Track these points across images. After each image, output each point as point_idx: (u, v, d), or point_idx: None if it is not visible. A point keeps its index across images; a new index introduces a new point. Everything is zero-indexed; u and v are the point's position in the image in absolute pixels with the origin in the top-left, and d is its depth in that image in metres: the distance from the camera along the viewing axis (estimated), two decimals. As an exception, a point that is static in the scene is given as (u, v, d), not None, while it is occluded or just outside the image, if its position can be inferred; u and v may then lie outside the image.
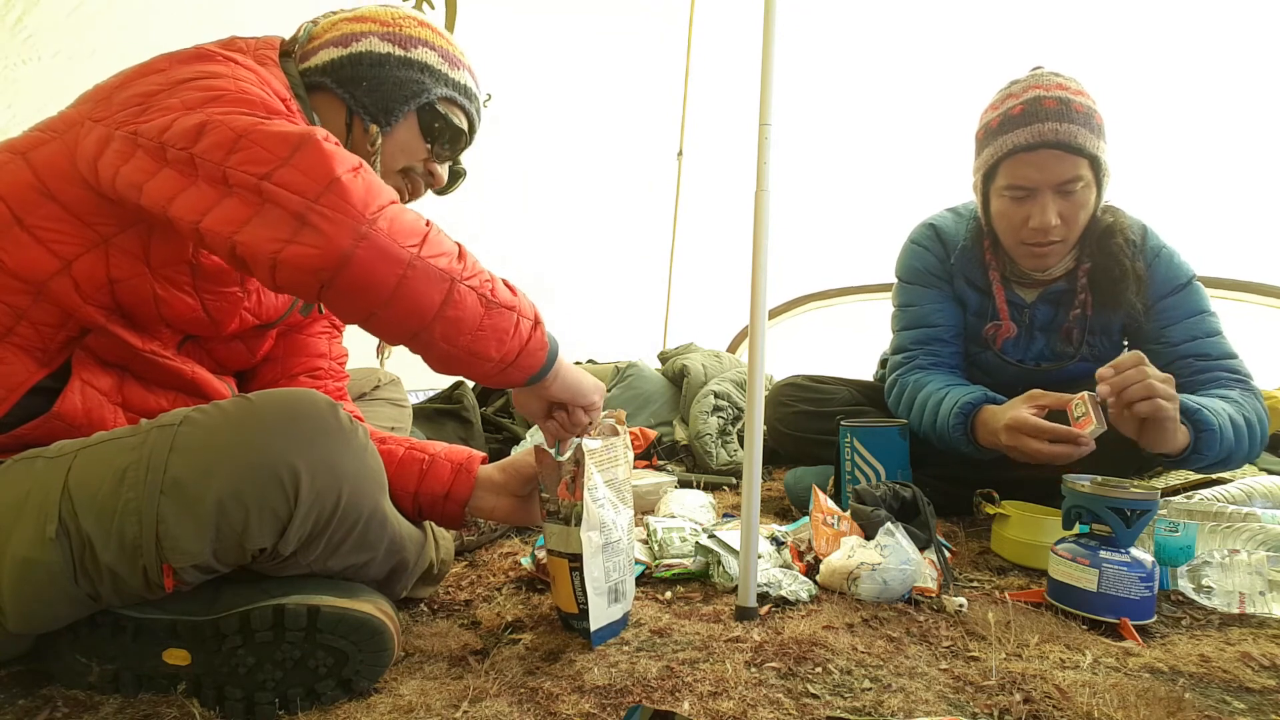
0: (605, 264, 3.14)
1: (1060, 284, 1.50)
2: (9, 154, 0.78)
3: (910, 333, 1.62)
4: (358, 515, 0.79)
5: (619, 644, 0.90)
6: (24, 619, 0.71)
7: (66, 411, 0.78)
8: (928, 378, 1.53)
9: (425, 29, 0.98)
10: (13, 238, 0.75)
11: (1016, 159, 1.37)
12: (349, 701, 0.76)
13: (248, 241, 0.66)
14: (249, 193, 0.67)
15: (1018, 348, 1.55)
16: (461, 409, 1.98)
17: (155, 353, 0.84)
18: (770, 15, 1.02)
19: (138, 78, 0.78)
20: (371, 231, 0.66)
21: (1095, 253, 1.44)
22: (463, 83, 1.00)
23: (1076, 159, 1.33)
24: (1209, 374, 1.37)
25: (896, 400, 1.59)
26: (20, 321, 0.76)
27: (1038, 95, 1.35)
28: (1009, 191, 1.40)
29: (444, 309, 0.70)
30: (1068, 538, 1.05)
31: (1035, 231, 1.38)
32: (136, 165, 0.71)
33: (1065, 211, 1.36)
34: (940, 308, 1.59)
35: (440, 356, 0.73)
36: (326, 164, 0.67)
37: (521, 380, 0.81)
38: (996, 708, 0.75)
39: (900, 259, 1.67)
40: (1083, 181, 1.35)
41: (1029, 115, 1.34)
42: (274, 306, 0.96)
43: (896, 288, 1.68)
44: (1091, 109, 1.35)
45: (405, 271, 0.67)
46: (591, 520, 0.88)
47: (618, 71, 2.85)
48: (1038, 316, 1.53)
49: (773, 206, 1.00)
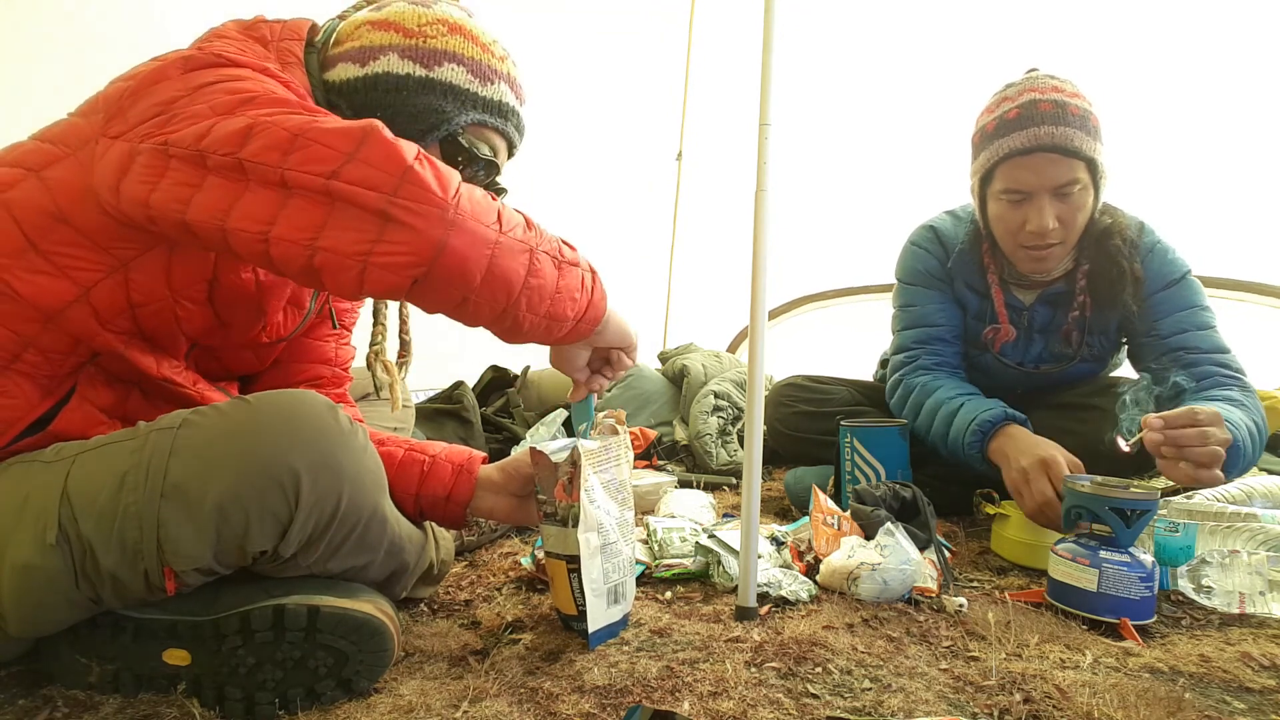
0: (605, 264, 3.08)
1: (1059, 285, 1.50)
2: (23, 171, 0.74)
3: (911, 332, 1.61)
4: (358, 517, 0.79)
5: (619, 644, 0.90)
6: (24, 624, 0.71)
7: (63, 429, 0.77)
8: (935, 381, 1.51)
9: (456, 36, 0.87)
10: (27, 263, 0.72)
11: (1013, 163, 1.37)
12: (349, 701, 0.76)
13: (329, 248, 0.62)
14: (316, 194, 0.63)
15: (1016, 350, 1.55)
16: (461, 409, 1.98)
17: (167, 378, 0.83)
18: (770, 15, 1.02)
19: (150, 84, 0.72)
20: (458, 216, 0.64)
21: (1094, 254, 1.45)
22: (497, 100, 0.90)
23: (1073, 162, 1.33)
24: (1199, 368, 1.36)
25: (901, 402, 1.57)
26: (27, 349, 0.74)
27: (1033, 98, 1.35)
28: (1006, 195, 1.40)
29: (528, 279, 0.69)
30: (1068, 538, 1.05)
31: (1033, 235, 1.38)
32: (176, 179, 0.66)
33: (1063, 214, 1.36)
34: (941, 308, 1.59)
35: (525, 328, 0.72)
36: (396, 154, 0.64)
37: (589, 332, 0.80)
38: (996, 708, 0.75)
39: (900, 261, 1.67)
40: (1080, 184, 1.35)
41: (1025, 119, 1.34)
42: (285, 325, 0.95)
43: (897, 289, 1.67)
44: (1087, 111, 1.35)
45: (494, 251, 0.66)
46: (589, 522, 0.88)
47: (618, 72, 2.85)
48: (1036, 318, 1.53)
49: (773, 206, 1.00)
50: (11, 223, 0.72)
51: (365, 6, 0.92)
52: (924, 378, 1.54)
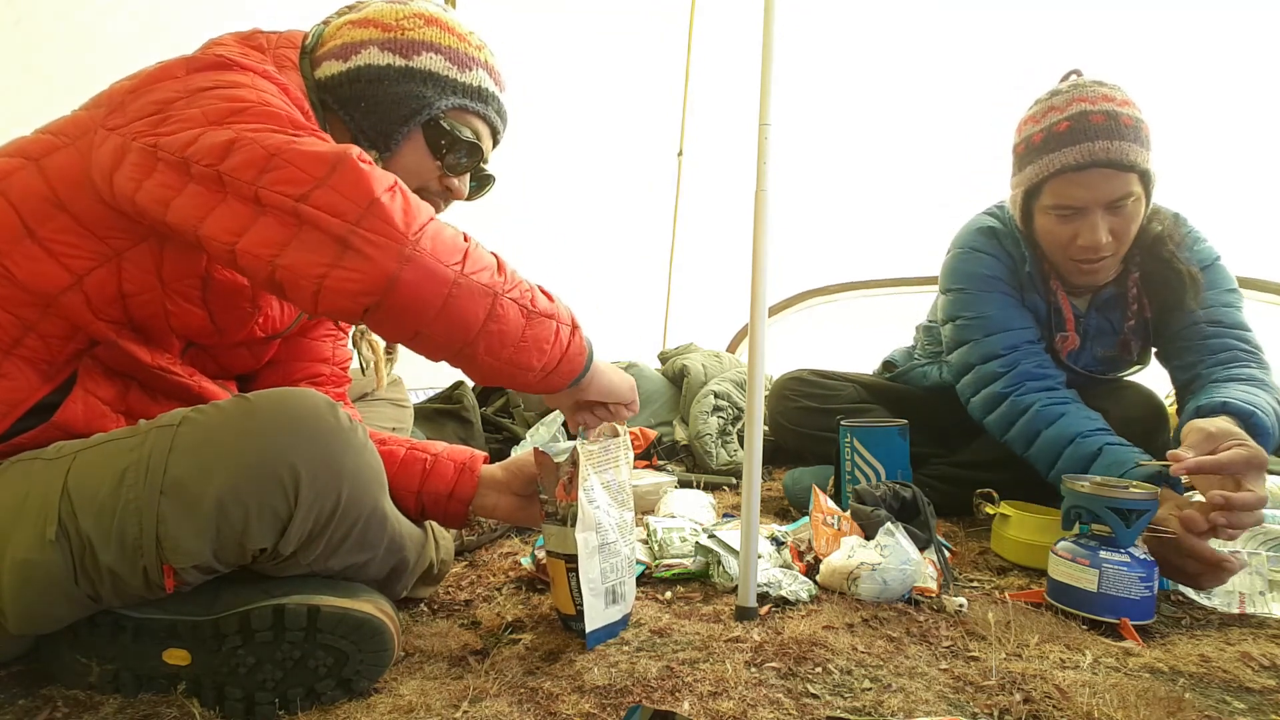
0: (605, 264, 3.13)
1: (1108, 290, 1.44)
2: (22, 160, 0.76)
3: (999, 338, 1.43)
4: (358, 514, 0.79)
5: (619, 644, 0.90)
6: (24, 620, 0.71)
7: (67, 421, 0.77)
8: (1056, 407, 1.33)
9: (433, 27, 0.90)
10: (24, 250, 0.74)
11: (1065, 179, 1.30)
12: (349, 701, 0.76)
13: (289, 266, 0.65)
14: (285, 214, 0.65)
15: (1072, 356, 1.50)
16: (461, 409, 1.98)
17: (163, 368, 0.83)
18: (770, 15, 1.02)
19: (152, 83, 0.75)
20: (415, 253, 0.65)
21: (1146, 260, 1.40)
22: (475, 85, 0.92)
23: (1128, 176, 1.27)
24: (1220, 340, 1.32)
25: (1006, 423, 1.38)
26: (28, 334, 0.75)
27: (1084, 110, 1.28)
28: (1056, 210, 1.34)
29: (488, 324, 0.70)
30: (1067, 538, 1.05)
31: (1085, 250, 1.32)
32: (159, 180, 0.69)
33: (1116, 227, 1.31)
34: (1021, 313, 1.46)
35: (484, 369, 0.73)
36: (365, 184, 0.66)
37: (562, 386, 0.81)
38: (996, 708, 0.75)
39: (957, 265, 1.52)
40: (1134, 197, 1.29)
41: (1076, 133, 1.27)
42: (280, 319, 0.96)
43: (954, 299, 1.51)
44: (1139, 120, 1.28)
45: (450, 290, 0.67)
46: (587, 521, 0.88)
47: (618, 71, 2.85)
48: (1090, 325, 1.48)
49: (773, 206, 1.00)
50: (10, 209, 0.74)
51: (349, 11, 0.95)
52: (1038, 397, 1.36)
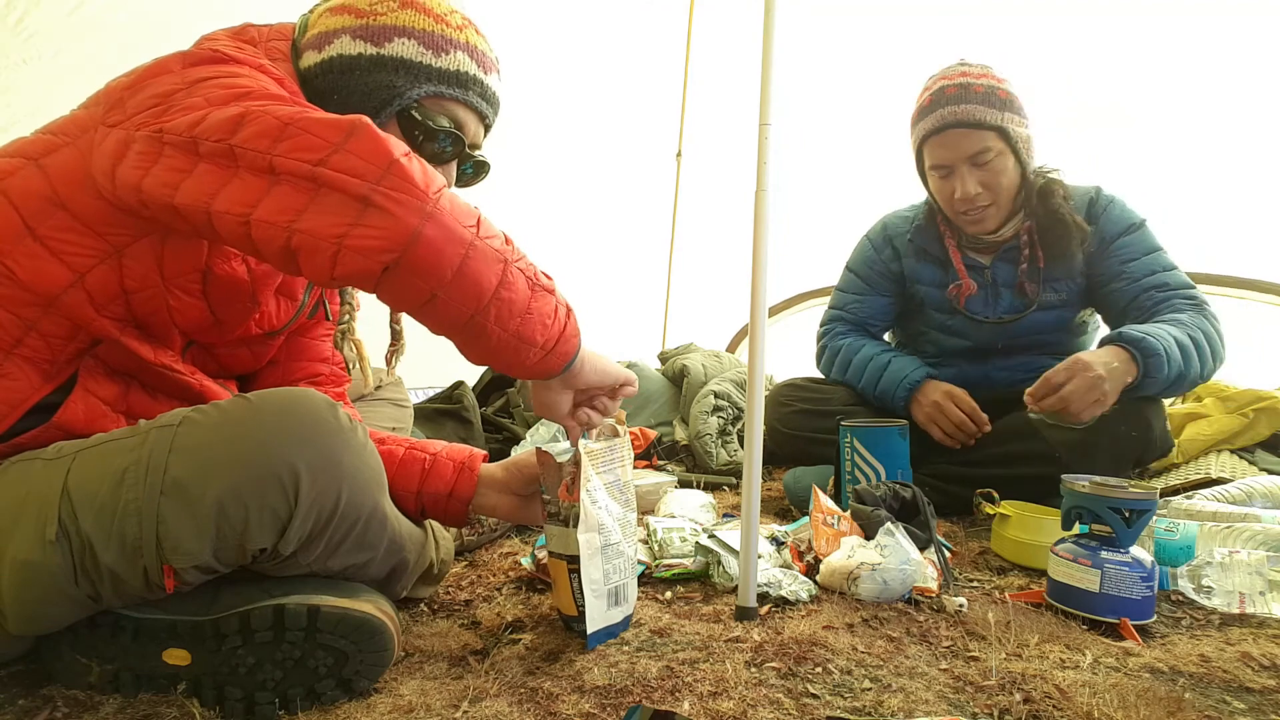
0: (604, 264, 3.13)
1: (1013, 242, 1.64)
2: (22, 160, 0.76)
3: (835, 311, 1.90)
4: (358, 514, 0.79)
5: (619, 644, 0.90)
6: (24, 621, 0.71)
7: (67, 421, 0.77)
8: (858, 341, 1.79)
9: (407, 10, 0.86)
10: (25, 249, 0.73)
11: (931, 142, 1.57)
12: (349, 701, 0.76)
13: (307, 230, 0.64)
14: (301, 180, 0.64)
15: (986, 306, 1.69)
16: (461, 409, 1.98)
17: (166, 365, 0.83)
18: (770, 15, 1.02)
19: (150, 78, 0.75)
20: (436, 210, 0.65)
21: (1038, 211, 1.60)
22: (453, 70, 0.88)
23: (982, 133, 1.51)
24: (1168, 302, 1.49)
25: (829, 363, 1.84)
26: (29, 333, 0.75)
27: (942, 85, 1.55)
28: (934, 171, 1.61)
29: (499, 290, 0.69)
30: (1067, 538, 1.05)
31: (962, 201, 1.57)
32: (168, 164, 0.68)
33: (984, 179, 1.54)
34: (867, 300, 1.85)
35: (492, 342, 0.71)
36: (383, 147, 0.66)
37: (559, 368, 0.79)
38: (996, 708, 0.75)
39: (854, 249, 1.92)
40: (993, 151, 1.52)
41: (935, 103, 1.55)
42: (277, 316, 0.96)
43: (842, 271, 1.92)
44: (992, 87, 1.52)
45: (467, 251, 0.67)
46: (589, 522, 0.88)
47: (617, 71, 2.85)
48: (999, 275, 1.67)
49: (773, 206, 1.00)
50: (10, 209, 0.74)
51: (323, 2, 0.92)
52: (845, 340, 1.81)
